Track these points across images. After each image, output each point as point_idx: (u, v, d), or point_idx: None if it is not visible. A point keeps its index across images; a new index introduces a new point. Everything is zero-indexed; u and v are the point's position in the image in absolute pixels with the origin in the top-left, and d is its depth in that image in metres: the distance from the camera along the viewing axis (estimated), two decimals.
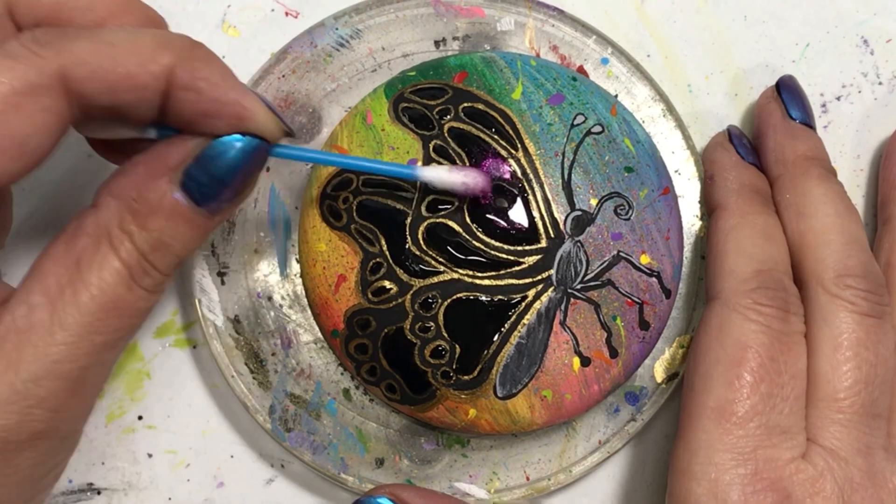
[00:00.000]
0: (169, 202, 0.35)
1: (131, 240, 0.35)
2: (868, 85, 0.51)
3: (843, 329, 0.42)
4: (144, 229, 0.35)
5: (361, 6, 0.47)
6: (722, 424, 0.41)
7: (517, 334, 0.44)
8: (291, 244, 0.46)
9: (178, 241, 0.36)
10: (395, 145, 0.45)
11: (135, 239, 0.35)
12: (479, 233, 0.44)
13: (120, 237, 0.35)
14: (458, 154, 0.44)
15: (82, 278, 0.34)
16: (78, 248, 0.35)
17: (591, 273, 0.44)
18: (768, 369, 0.41)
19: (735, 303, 0.42)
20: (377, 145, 0.45)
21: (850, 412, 0.42)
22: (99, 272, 0.34)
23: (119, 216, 0.35)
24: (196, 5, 0.49)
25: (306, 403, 0.46)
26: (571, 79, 0.46)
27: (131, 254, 0.35)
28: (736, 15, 0.51)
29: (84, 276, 0.34)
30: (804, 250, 0.44)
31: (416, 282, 0.44)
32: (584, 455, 0.47)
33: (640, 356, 0.45)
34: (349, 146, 0.45)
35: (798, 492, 0.40)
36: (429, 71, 0.46)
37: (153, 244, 0.35)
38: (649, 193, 0.45)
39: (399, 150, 0.45)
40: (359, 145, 0.45)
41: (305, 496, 0.48)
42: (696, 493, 0.40)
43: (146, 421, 0.48)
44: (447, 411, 0.44)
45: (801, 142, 0.46)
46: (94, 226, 0.35)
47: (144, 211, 0.35)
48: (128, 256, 0.35)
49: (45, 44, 0.33)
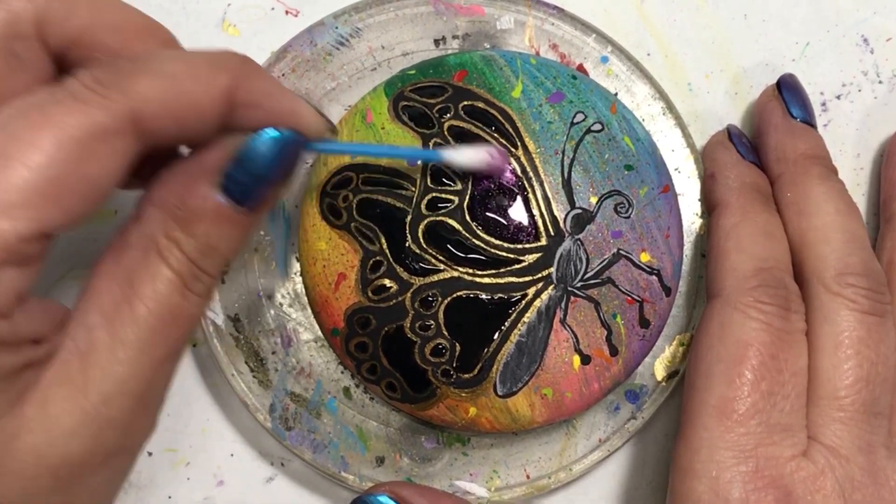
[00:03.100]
0: (212, 206, 0.35)
1: (179, 247, 0.34)
2: (868, 84, 0.51)
3: (845, 327, 0.42)
4: (191, 236, 0.35)
5: (361, 5, 0.47)
6: (723, 422, 0.41)
7: (517, 332, 0.44)
8: (291, 243, 0.46)
9: (225, 242, 0.36)
10: (395, 144, 0.45)
11: (183, 246, 0.34)
12: (479, 231, 0.44)
13: (168, 246, 0.34)
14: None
15: (136, 293, 0.34)
16: (127, 261, 0.35)
17: (592, 271, 0.44)
18: (769, 367, 0.41)
19: (736, 301, 0.42)
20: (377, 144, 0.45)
21: (851, 410, 0.42)
22: (152, 284, 0.34)
23: (164, 225, 0.34)
24: (196, 4, 0.49)
25: (307, 402, 0.46)
26: (571, 77, 0.46)
27: (181, 261, 0.34)
28: (736, 14, 0.51)
29: (138, 291, 0.34)
30: (805, 248, 0.44)
31: (416, 280, 0.44)
32: (585, 453, 0.47)
33: (641, 354, 0.45)
34: None
35: (799, 489, 0.40)
36: (428, 69, 0.46)
37: (201, 249, 0.35)
38: (649, 191, 0.45)
39: None
40: None
41: (305, 495, 0.48)
42: (698, 490, 0.41)
43: None
44: (447, 410, 0.44)
45: (802, 140, 0.46)
46: (140, 237, 0.35)
47: (189, 217, 0.34)
48: (178, 265, 0.34)
49: (111, 85, 0.32)
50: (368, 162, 0.44)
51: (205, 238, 0.35)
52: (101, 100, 0.32)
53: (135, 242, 0.35)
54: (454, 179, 0.44)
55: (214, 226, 0.35)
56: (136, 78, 0.33)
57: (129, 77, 0.33)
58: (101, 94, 0.32)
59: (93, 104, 0.32)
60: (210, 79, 0.34)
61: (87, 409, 0.33)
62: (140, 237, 0.35)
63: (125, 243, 0.35)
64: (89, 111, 0.32)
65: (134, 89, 0.32)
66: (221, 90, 0.34)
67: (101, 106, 0.32)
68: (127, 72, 0.33)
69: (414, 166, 0.44)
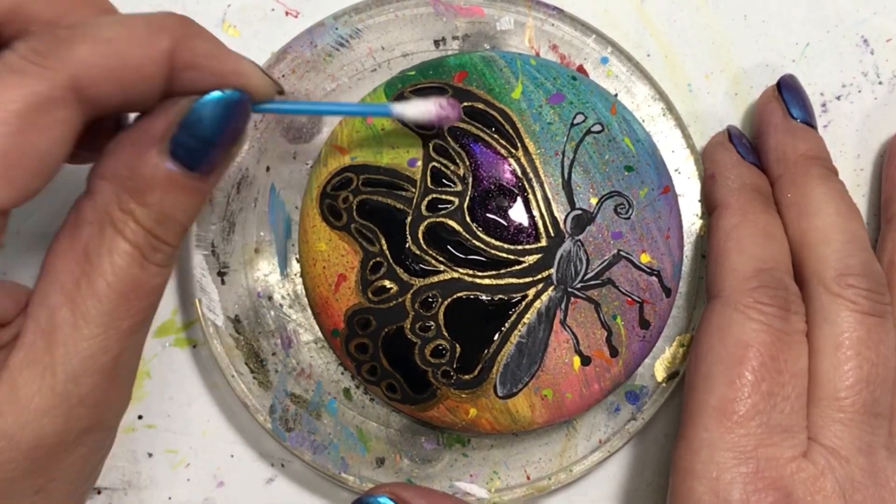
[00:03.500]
0: (162, 173, 0.34)
1: (134, 218, 0.34)
2: (868, 84, 0.51)
3: (845, 328, 0.42)
4: (145, 206, 0.34)
5: (361, 6, 0.47)
6: (723, 423, 0.41)
7: (517, 333, 0.44)
8: (291, 244, 0.46)
9: (180, 209, 0.35)
10: (395, 144, 0.45)
11: (137, 217, 0.34)
12: (479, 232, 0.44)
13: (122, 218, 0.34)
14: (458, 153, 0.44)
15: (94, 268, 0.34)
16: (83, 238, 0.34)
17: (592, 272, 0.44)
18: (769, 368, 0.41)
19: (736, 301, 0.42)
20: (377, 145, 0.45)
21: (851, 411, 0.42)
22: (110, 258, 0.34)
23: (116, 197, 0.34)
24: (196, 5, 0.49)
25: (307, 403, 0.46)
26: (571, 78, 0.46)
27: (137, 232, 0.34)
28: (736, 14, 0.51)
29: (96, 266, 0.34)
30: (805, 249, 0.44)
31: (416, 281, 0.44)
32: (585, 454, 0.47)
33: (641, 355, 0.45)
34: (349, 145, 0.45)
35: (799, 490, 0.40)
36: (428, 70, 0.46)
37: (157, 218, 0.35)
38: (649, 192, 0.45)
39: (399, 149, 0.45)
40: (359, 145, 0.45)
41: (306, 496, 0.48)
42: (698, 491, 0.41)
43: (146, 420, 0.48)
44: (447, 411, 0.44)
45: (803, 141, 0.46)
46: (94, 212, 0.34)
47: (141, 187, 0.34)
48: (134, 236, 0.34)
49: (48, 54, 0.32)
50: (368, 163, 0.44)
51: (159, 207, 0.35)
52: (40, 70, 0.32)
53: (89, 217, 0.35)
54: (454, 180, 0.44)
55: (168, 194, 0.35)
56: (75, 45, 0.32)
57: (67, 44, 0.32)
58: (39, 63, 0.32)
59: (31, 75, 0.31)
60: (150, 41, 0.33)
61: (57, 389, 0.33)
62: (94, 212, 0.35)
63: (80, 220, 0.35)
64: (28, 82, 0.31)
65: (72, 57, 0.32)
66: (162, 52, 0.34)
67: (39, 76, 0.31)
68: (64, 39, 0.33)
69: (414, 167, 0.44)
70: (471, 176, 0.44)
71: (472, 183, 0.44)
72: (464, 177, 0.44)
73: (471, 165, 0.44)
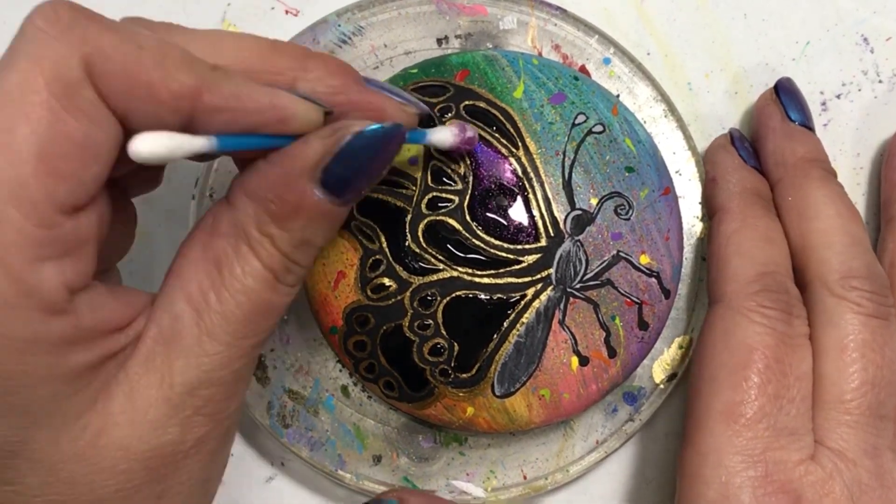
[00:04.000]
0: (309, 202, 0.34)
1: (272, 242, 0.34)
2: (868, 83, 0.51)
3: (849, 331, 0.42)
4: (286, 231, 0.34)
5: (364, 3, 0.47)
6: (731, 426, 0.41)
7: (516, 333, 0.44)
8: None
9: (320, 235, 0.35)
10: None
11: (276, 240, 0.34)
12: (478, 231, 0.44)
13: (260, 240, 0.34)
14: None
15: (226, 285, 0.34)
16: (217, 249, 0.34)
17: (591, 272, 0.44)
18: (775, 370, 0.41)
19: (739, 305, 0.42)
20: None
21: (857, 413, 0.42)
22: (243, 278, 0.34)
23: (256, 218, 0.34)
24: (196, 4, 0.49)
25: (304, 400, 0.46)
26: (573, 78, 0.46)
27: (273, 256, 0.34)
28: (736, 13, 0.51)
29: (227, 283, 0.34)
30: (807, 252, 0.44)
31: (415, 279, 0.44)
32: (582, 455, 0.47)
33: (639, 356, 0.45)
34: None
35: (808, 494, 0.40)
36: (431, 69, 0.45)
37: (295, 244, 0.34)
38: (650, 194, 0.45)
39: None
40: None
41: (305, 495, 0.48)
42: (708, 496, 0.41)
43: None
44: (445, 409, 0.44)
45: (801, 144, 0.46)
46: (231, 226, 0.34)
47: (284, 213, 0.34)
48: (270, 259, 0.34)
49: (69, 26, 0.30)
50: None
51: (300, 233, 0.34)
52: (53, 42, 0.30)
53: (225, 230, 0.34)
54: (455, 179, 0.44)
55: (310, 221, 0.34)
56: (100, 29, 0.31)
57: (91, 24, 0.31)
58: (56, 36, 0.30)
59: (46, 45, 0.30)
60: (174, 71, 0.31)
61: (174, 400, 0.33)
62: (231, 226, 0.34)
63: (215, 229, 0.34)
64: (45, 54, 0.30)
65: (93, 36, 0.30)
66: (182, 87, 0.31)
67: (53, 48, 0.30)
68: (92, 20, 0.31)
69: (415, 165, 0.44)
70: (471, 175, 0.44)
71: (472, 182, 0.44)
72: (464, 175, 0.44)
73: (471, 164, 0.44)
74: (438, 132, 0.42)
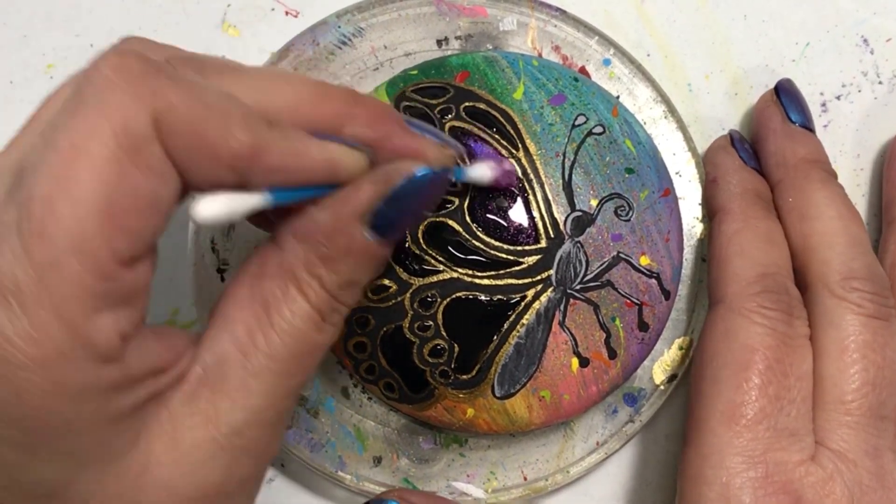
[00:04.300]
0: (359, 244, 0.34)
1: (321, 283, 0.34)
2: (868, 84, 0.51)
3: (850, 331, 0.42)
4: (334, 272, 0.34)
5: (364, 4, 0.47)
6: (732, 427, 0.41)
7: (516, 334, 0.44)
8: None
9: (366, 274, 0.36)
10: None
11: (324, 282, 0.34)
12: (479, 232, 0.44)
13: (308, 281, 0.34)
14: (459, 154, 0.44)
15: (273, 325, 0.34)
16: (264, 292, 0.34)
17: (591, 274, 0.44)
18: (776, 371, 0.41)
19: (740, 306, 0.42)
20: None
21: (857, 414, 0.42)
22: (291, 319, 0.34)
23: (306, 260, 0.34)
24: (196, 4, 0.49)
25: (304, 401, 0.46)
26: (573, 79, 0.46)
27: (321, 296, 0.34)
28: (736, 14, 0.51)
29: (275, 323, 0.34)
30: (808, 253, 0.44)
31: (415, 280, 0.43)
32: (582, 456, 0.47)
33: (639, 357, 0.45)
34: None
35: (809, 495, 0.40)
36: (431, 70, 0.45)
37: (342, 284, 0.35)
38: (650, 195, 0.45)
39: None
40: None
41: (306, 496, 0.48)
42: (709, 497, 0.41)
43: None
44: (445, 410, 0.44)
45: (802, 145, 0.46)
46: (279, 268, 0.34)
47: (334, 255, 0.34)
48: (317, 300, 0.34)
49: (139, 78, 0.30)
50: None
51: (348, 274, 0.35)
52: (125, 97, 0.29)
53: (273, 272, 0.34)
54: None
55: (358, 262, 0.35)
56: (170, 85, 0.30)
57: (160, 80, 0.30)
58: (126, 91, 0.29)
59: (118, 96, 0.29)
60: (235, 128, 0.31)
61: (220, 441, 0.33)
62: (279, 268, 0.34)
63: (262, 272, 0.35)
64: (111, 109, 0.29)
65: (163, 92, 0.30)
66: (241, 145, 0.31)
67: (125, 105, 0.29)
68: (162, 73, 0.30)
69: None
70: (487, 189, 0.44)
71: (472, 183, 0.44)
72: None
73: None
74: (476, 168, 0.42)
